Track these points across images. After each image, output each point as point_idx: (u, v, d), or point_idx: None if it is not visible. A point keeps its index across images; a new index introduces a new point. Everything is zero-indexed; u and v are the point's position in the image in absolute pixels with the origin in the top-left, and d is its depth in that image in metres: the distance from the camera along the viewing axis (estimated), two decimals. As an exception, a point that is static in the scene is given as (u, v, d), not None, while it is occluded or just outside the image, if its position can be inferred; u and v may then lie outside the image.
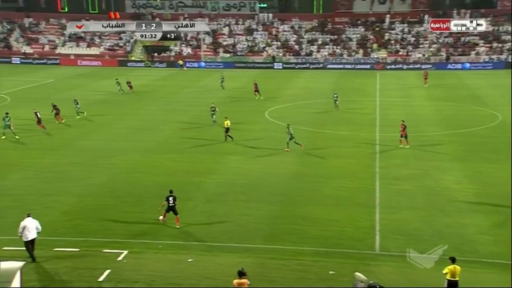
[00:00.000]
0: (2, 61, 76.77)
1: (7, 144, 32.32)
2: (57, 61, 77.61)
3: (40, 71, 69.27)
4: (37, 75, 64.72)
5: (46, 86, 56.05)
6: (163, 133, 35.94)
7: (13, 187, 24.74)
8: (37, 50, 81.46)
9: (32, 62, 77.15)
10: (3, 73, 66.06)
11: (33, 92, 50.01)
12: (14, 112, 40.45)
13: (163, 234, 19.89)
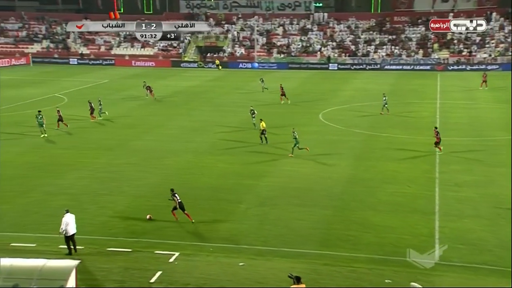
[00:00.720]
0: (60, 62, 79.86)
1: (64, 144, 33.57)
2: (112, 61, 79.97)
3: (96, 71, 71.60)
4: (93, 76, 66.92)
5: (101, 87, 57.90)
6: (216, 134, 36.35)
7: (70, 186, 25.65)
8: (93, 51, 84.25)
9: (88, 62, 79.87)
10: (61, 73, 68.77)
11: (89, 93, 51.72)
12: (70, 112, 42.02)
13: (214, 236, 20.12)
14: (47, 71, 71.23)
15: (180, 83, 60.51)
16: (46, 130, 35.50)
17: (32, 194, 24.31)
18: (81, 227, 20.58)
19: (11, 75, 65.76)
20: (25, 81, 60.53)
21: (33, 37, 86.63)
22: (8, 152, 31.28)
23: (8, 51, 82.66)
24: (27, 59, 78.55)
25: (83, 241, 19.46)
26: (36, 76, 65.93)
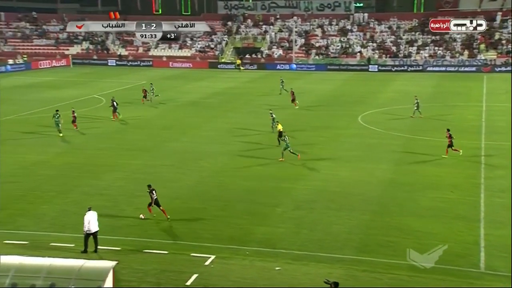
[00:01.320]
0: (99, 63, 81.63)
1: (100, 145, 34.24)
2: (150, 63, 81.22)
3: (134, 73, 72.84)
4: (131, 77, 68.09)
5: (139, 88, 58.74)
6: (252, 136, 36.42)
7: (106, 187, 26.12)
8: (132, 52, 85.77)
9: (126, 64, 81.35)
10: (100, 75, 70.25)
11: (126, 94, 52.63)
12: (107, 113, 42.85)
13: (250, 240, 20.14)
14: (86, 72, 72.89)
15: (217, 85, 60.96)
16: (62, 130, 36.39)
17: (70, 195, 24.87)
18: (117, 228, 20.95)
19: (52, 76, 67.58)
20: (65, 82, 62.09)
21: (73, 39, 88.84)
22: (47, 152, 32.11)
23: (49, 52, 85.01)
24: (67, 61, 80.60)
25: (120, 242, 19.78)
26: (75, 77, 67.54)
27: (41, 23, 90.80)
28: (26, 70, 73.49)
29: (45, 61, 78.97)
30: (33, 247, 19.12)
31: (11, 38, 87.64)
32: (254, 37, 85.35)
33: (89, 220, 18.99)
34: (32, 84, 61.57)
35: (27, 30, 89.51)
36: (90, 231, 18.93)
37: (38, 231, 20.66)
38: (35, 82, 62.76)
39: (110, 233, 20.44)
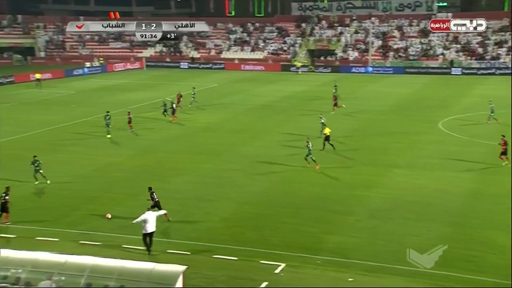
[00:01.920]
0: (172, 66, 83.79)
1: (171, 148, 35.06)
2: (222, 65, 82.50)
3: (206, 75, 74.23)
4: (202, 80, 69.43)
5: (210, 91, 59.87)
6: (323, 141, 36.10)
7: (176, 190, 26.69)
8: (204, 54, 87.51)
9: (198, 66, 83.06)
10: (172, 77, 72.10)
11: (198, 97, 53.56)
12: (178, 115, 43.83)
13: (321, 248, 19.93)
14: (159, 75, 75.04)
15: (288, 88, 60.99)
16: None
17: (141, 197, 25.51)
18: (187, 232, 21.34)
19: (126, 79, 70.10)
20: (138, 85, 64.19)
21: (147, 42, 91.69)
22: (119, 154, 33.26)
23: (124, 55, 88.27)
24: (141, 63, 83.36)
25: (189, 246, 20.12)
26: (148, 80, 69.68)
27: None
28: (101, 73, 76.66)
29: (119, 63, 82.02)
30: (106, 248, 19.83)
31: (88, 41, 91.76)
32: (328, 39, 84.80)
33: (145, 219, 19.62)
34: (107, 86, 64.12)
35: (104, 33, 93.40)
36: (146, 231, 19.53)
37: (110, 232, 21.38)
38: (109, 85, 65.32)
39: (179, 237, 20.86)
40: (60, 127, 40.24)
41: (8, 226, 21.76)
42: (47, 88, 60.09)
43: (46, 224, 22.07)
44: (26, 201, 24.84)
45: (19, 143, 35.61)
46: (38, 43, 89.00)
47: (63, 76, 71.34)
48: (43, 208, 24.00)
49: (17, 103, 50.94)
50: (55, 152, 33.32)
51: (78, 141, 36.38)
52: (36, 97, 53.92)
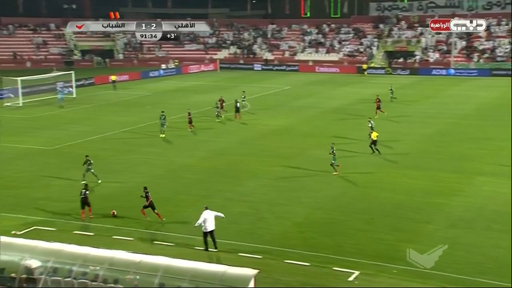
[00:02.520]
0: (245, 68, 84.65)
1: (243, 150, 35.43)
2: (296, 67, 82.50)
3: (279, 77, 74.50)
4: (276, 82, 69.74)
5: (283, 93, 60.02)
6: (402, 146, 35.37)
7: (249, 193, 26.95)
8: (278, 56, 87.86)
9: (272, 68, 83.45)
10: (245, 79, 72.85)
11: (271, 99, 53.97)
12: (251, 118, 44.25)
13: (397, 257, 19.51)
14: (232, 77, 76.06)
15: (364, 91, 60.13)
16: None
17: (214, 200, 26.02)
18: (259, 236, 21.51)
19: (200, 81, 71.55)
20: (211, 87, 65.34)
21: (221, 44, 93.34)
22: (193, 156, 34.00)
23: (198, 57, 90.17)
24: (215, 65, 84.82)
25: (261, 250, 20.27)
26: (222, 82, 70.79)
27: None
28: (176, 75, 78.62)
29: (194, 65, 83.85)
30: (179, 250, 20.31)
31: (164, 43, 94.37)
32: (407, 40, 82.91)
33: (205, 219, 20.12)
34: (181, 88, 65.69)
35: (180, 36, 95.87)
36: (206, 229, 20.07)
37: (184, 234, 21.88)
38: (183, 86, 66.90)
39: (251, 241, 21.06)
40: (136, 128, 41.63)
41: (88, 224, 22.72)
42: (124, 90, 62.36)
43: (123, 223, 22.90)
44: (104, 200, 25.86)
45: (98, 144, 37.14)
46: (117, 46, 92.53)
47: (140, 78, 73.78)
48: (120, 207, 24.90)
49: (96, 104, 53.20)
50: (132, 153, 34.50)
51: (153, 142, 37.49)
52: (113, 99, 56.10)
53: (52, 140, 37.54)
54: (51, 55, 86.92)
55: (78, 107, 51.28)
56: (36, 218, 23.36)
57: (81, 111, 49.50)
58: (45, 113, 48.35)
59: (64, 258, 15.89)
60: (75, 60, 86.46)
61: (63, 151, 34.94)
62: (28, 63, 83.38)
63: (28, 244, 16.83)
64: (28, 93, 54.43)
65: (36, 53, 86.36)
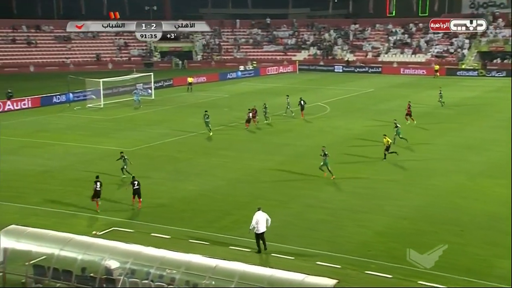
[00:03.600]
0: (325, 70, 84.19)
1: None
2: (379, 69, 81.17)
3: (361, 79, 73.55)
4: (358, 84, 68.89)
5: (366, 96, 59.12)
6: (494, 154, 33.97)
7: (328, 200, 26.74)
8: (360, 57, 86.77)
9: (353, 70, 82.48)
10: (324, 82, 72.48)
11: (353, 102, 53.34)
12: (335, 123, 43.87)
13: (491, 274, 18.74)
14: (311, 78, 75.86)
15: (454, 94, 58.19)
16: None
17: (292, 205, 26.02)
18: (338, 245, 21.27)
19: (278, 83, 71.84)
20: (290, 89, 65.32)
21: (301, 44, 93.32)
22: (271, 159, 34.13)
23: (277, 58, 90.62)
24: (294, 67, 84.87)
25: (340, 260, 20.03)
26: (301, 84, 70.77)
27: (272, 29, 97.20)
28: (254, 76, 79.35)
29: (272, 67, 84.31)
30: (256, 256, 20.44)
31: (243, 44, 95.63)
32: (504, 39, 79.41)
33: (257, 220, 20.39)
34: (259, 90, 66.19)
35: (258, 37, 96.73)
36: (258, 231, 20.41)
37: (260, 239, 21.97)
38: (261, 88, 67.40)
39: (330, 249, 20.88)
40: (213, 130, 42.31)
41: (165, 227, 23.31)
42: (201, 91, 63.64)
43: (199, 227, 23.32)
44: (181, 203, 26.48)
45: (175, 146, 38.09)
46: (196, 47, 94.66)
47: (217, 79, 75.05)
48: (197, 211, 25.41)
49: (174, 106, 54.61)
50: (208, 156, 35.13)
51: (230, 145, 37.99)
52: (190, 100, 57.36)
53: (131, 141, 38.88)
54: (131, 56, 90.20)
55: (156, 109, 52.84)
56: (115, 219, 24.23)
57: (159, 112, 50.97)
58: (125, 114, 50.14)
59: (142, 260, 16.38)
60: (154, 62, 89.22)
61: (141, 152, 36.10)
62: (109, 64, 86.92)
63: (108, 245, 17.48)
64: (109, 94, 56.70)
65: (117, 55, 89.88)
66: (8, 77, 75.67)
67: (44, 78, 75.63)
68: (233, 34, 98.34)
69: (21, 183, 29.72)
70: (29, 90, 60.04)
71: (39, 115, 49.64)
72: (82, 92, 57.20)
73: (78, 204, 26.28)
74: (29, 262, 17.28)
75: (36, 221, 23.24)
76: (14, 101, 53.00)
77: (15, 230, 18.12)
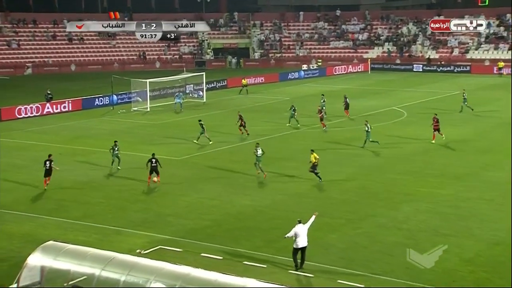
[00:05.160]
0: (402, 69, 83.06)
1: (400, 167, 34.68)
2: (467, 68, 79.58)
3: (445, 80, 72.31)
4: (441, 86, 67.74)
5: (451, 100, 57.78)
6: None
7: (404, 220, 26.28)
8: (444, 55, 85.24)
9: (436, 69, 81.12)
10: (402, 83, 71.46)
11: (436, 106, 52.30)
12: (407, 130, 43.19)
13: None
14: (386, 79, 75.02)
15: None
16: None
17: (362, 225, 25.72)
18: (417, 273, 20.85)
19: (347, 84, 71.44)
20: (361, 92, 64.92)
21: (374, 40, 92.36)
22: (340, 172, 33.92)
23: (346, 56, 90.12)
24: (365, 66, 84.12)
25: (419, 289, 19.71)
26: (373, 86, 70.12)
27: (341, 22, 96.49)
28: (319, 77, 79.15)
29: (340, 66, 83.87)
30: (318, 280, 20.36)
31: (307, 40, 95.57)
32: None
33: (296, 233, 20.76)
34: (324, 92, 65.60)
35: (325, 31, 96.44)
36: (297, 245, 20.79)
37: (325, 263, 21.82)
38: (327, 91, 66.77)
39: (407, 277, 20.58)
40: (271, 137, 42.31)
41: (215, 246, 23.48)
42: (259, 94, 63.97)
43: (256, 247, 23.38)
44: (236, 220, 26.66)
45: (228, 155, 38.43)
46: (253, 44, 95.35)
47: (277, 80, 75.27)
48: (253, 229, 25.49)
49: (228, 109, 54.96)
50: (266, 167, 35.08)
51: (292, 154, 37.97)
52: (246, 104, 57.65)
53: (180, 149, 39.48)
54: (181, 54, 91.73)
55: (208, 113, 53.47)
56: (161, 237, 24.59)
57: (211, 117, 51.50)
58: (174, 119, 50.98)
59: (191, 283, 16.52)
60: (207, 60, 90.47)
61: (191, 161, 36.58)
62: (157, 63, 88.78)
63: (154, 265, 17.72)
64: (155, 96, 57.79)
65: (165, 53, 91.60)
66: (48, 76, 78.50)
67: (86, 78, 78.03)
68: (295, 28, 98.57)
69: (61, 194, 30.64)
70: (69, 92, 62.07)
71: (80, 119, 51.15)
72: (126, 94, 58.52)
73: (122, 219, 26.83)
74: (67, 282, 17.73)
75: (76, 237, 23.93)
76: (54, 103, 54.84)
77: (53, 247, 18.64)
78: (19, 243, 23.96)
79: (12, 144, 41.78)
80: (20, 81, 76.48)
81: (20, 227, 26.06)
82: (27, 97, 59.09)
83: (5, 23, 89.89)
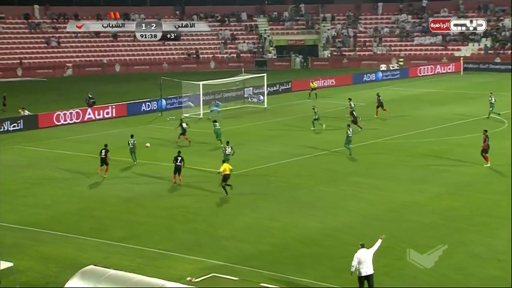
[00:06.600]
0: (503, 69, 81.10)
1: (500, 187, 33.94)
2: None
3: None
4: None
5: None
6: None
7: (504, 249, 25.46)
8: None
9: None
10: (502, 85, 69.29)
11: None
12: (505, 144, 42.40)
13: None
14: (482, 81, 73.54)
15: None
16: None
17: (453, 255, 25.09)
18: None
19: (434, 87, 70.51)
20: (450, 96, 63.99)
21: (468, 35, 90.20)
22: (422, 191, 33.47)
23: (433, 54, 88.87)
24: (457, 66, 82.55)
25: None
26: (465, 89, 68.97)
27: (428, 14, 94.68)
28: (400, 78, 78.22)
29: (426, 66, 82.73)
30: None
31: (387, 36, 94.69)
32: None
33: (359, 259, 20.75)
34: (407, 97, 65.15)
35: (408, 25, 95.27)
36: (360, 273, 20.76)
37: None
38: (410, 95, 66.38)
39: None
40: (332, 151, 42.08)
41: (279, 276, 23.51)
42: (328, 98, 63.66)
43: (323, 277, 23.30)
44: (300, 245, 26.61)
45: (293, 169, 38.48)
46: (322, 40, 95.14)
47: (350, 82, 74.91)
48: (320, 255, 25.40)
49: (293, 117, 55.00)
50: (336, 183, 35.17)
51: (366, 170, 37.75)
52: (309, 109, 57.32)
53: (237, 162, 39.48)
54: (239, 53, 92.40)
55: (269, 120, 53.69)
56: (215, 263, 24.76)
57: (273, 125, 51.71)
58: (229, 127, 51.02)
59: (249, 317, 16.55)
60: (268, 59, 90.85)
61: (250, 175, 36.72)
62: (212, 63, 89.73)
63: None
64: (209, 101, 58.01)
65: (221, 51, 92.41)
66: (90, 78, 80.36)
67: (132, 79, 79.49)
68: (373, 22, 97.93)
69: (103, 212, 31.31)
70: (113, 95, 63.22)
71: (125, 126, 51.88)
72: (177, 98, 59.23)
73: (170, 241, 27.16)
74: (109, 312, 17.99)
75: (119, 261, 24.34)
76: (96, 108, 56.07)
77: (93, 272, 18.96)
78: (56, 267, 24.54)
79: (50, 154, 42.90)
80: (59, 83, 78.56)
81: (57, 249, 26.65)
82: (66, 101, 60.69)
83: (44, 18, 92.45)
